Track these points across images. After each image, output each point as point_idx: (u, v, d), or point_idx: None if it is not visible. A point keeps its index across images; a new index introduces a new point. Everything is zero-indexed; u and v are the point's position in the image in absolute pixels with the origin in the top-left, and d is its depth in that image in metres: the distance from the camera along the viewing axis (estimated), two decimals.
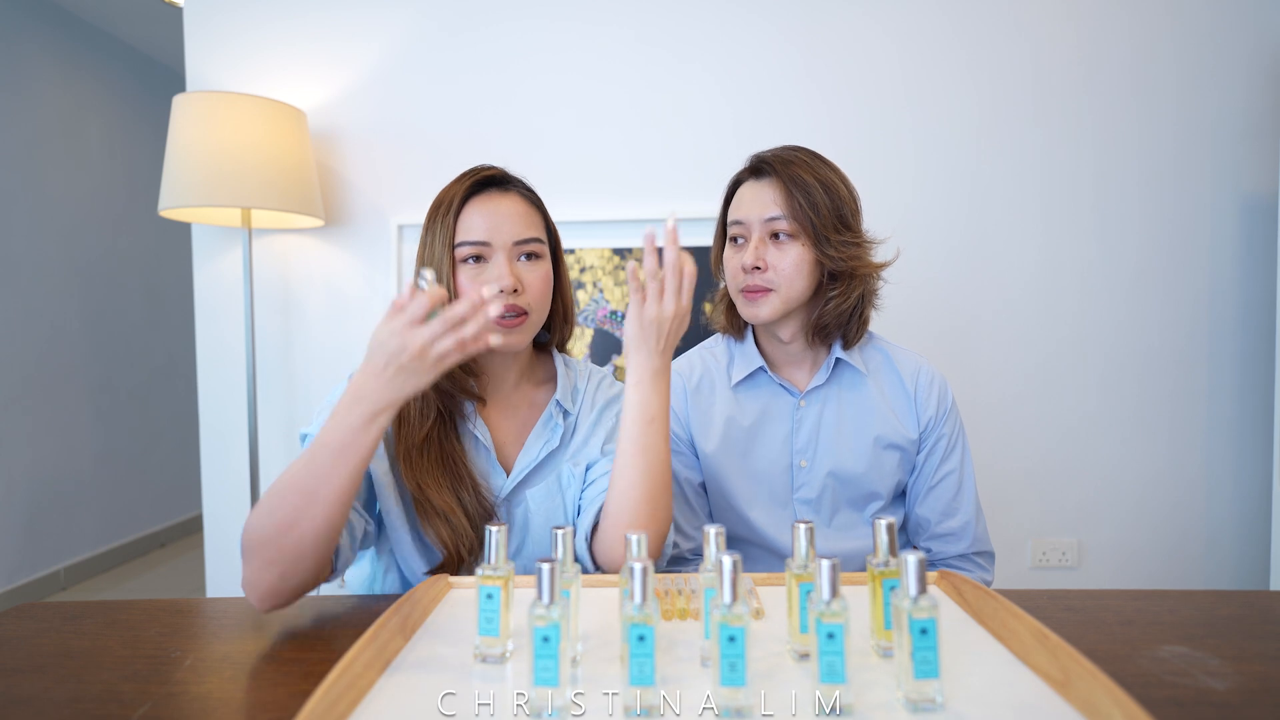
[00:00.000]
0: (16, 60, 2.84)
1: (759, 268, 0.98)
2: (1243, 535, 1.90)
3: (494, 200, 0.91)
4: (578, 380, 1.01)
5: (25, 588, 2.81)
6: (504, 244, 0.89)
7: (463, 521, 0.87)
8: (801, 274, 0.98)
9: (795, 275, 0.98)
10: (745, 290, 1.00)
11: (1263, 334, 1.88)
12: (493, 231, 0.89)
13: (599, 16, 1.89)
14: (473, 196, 0.91)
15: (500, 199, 0.91)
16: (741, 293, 1.01)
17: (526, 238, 0.90)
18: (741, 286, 1.00)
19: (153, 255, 3.57)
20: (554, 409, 0.96)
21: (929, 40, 1.87)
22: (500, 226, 0.89)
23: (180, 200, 1.62)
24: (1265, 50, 1.85)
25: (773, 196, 0.98)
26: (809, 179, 0.97)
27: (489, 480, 0.93)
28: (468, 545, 0.87)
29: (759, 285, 0.98)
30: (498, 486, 0.93)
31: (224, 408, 1.98)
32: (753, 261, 0.98)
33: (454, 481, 0.88)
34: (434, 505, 0.87)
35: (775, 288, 0.98)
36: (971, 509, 1.06)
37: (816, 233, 0.97)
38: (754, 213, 0.99)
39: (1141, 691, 0.56)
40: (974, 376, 1.89)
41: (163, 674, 0.62)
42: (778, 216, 0.98)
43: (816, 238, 0.97)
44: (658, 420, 0.82)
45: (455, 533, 0.86)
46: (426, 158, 1.92)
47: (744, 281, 1.00)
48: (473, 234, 0.88)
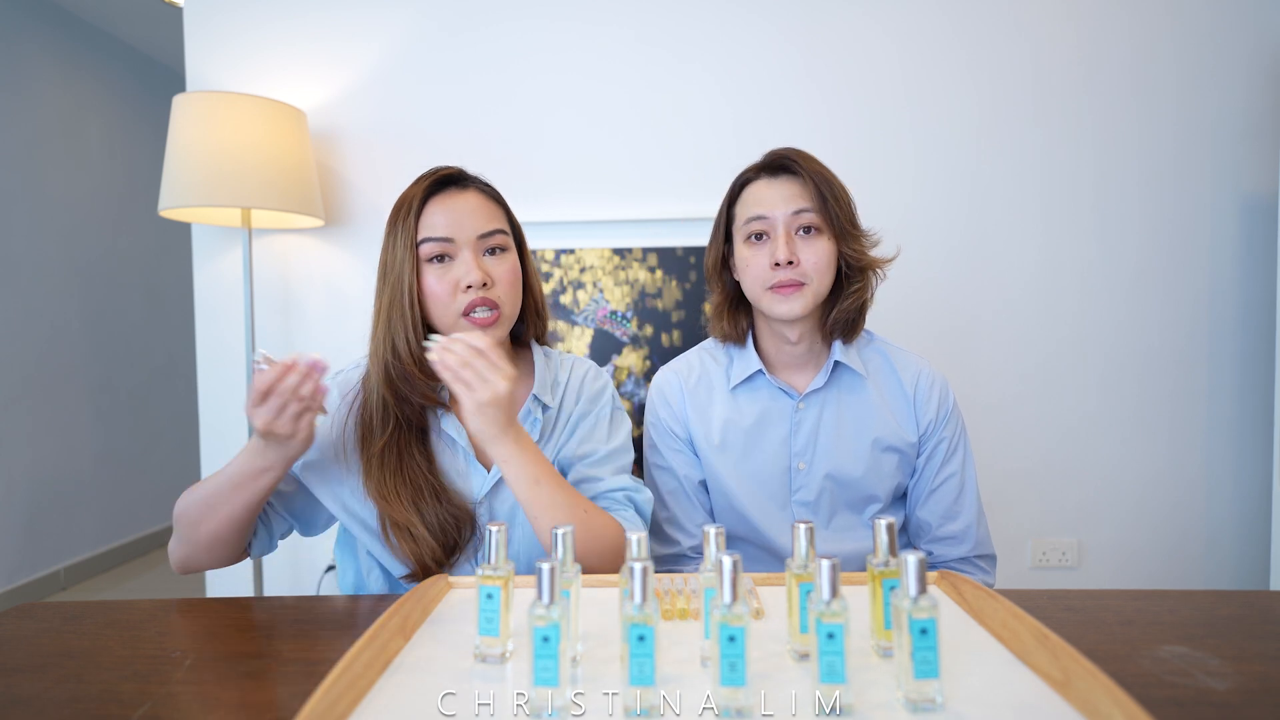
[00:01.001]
0: (16, 60, 2.84)
1: (792, 262, 0.95)
2: (1243, 535, 1.90)
3: (454, 197, 0.91)
4: (559, 373, 1.00)
5: (25, 588, 2.81)
6: (468, 239, 0.89)
7: (424, 534, 0.85)
8: (831, 268, 0.98)
9: (826, 269, 0.98)
10: (777, 286, 0.97)
11: (1263, 334, 1.88)
12: (455, 227, 0.88)
13: (599, 16, 1.89)
14: (432, 196, 0.91)
15: (460, 196, 0.91)
16: (771, 289, 0.98)
17: (490, 230, 0.90)
18: (770, 283, 0.97)
19: (153, 255, 3.57)
20: (531, 403, 0.95)
21: (929, 40, 1.87)
22: (462, 222, 0.89)
23: (180, 200, 1.62)
24: (1265, 50, 1.85)
25: (799, 191, 0.97)
26: (829, 176, 0.98)
27: (467, 481, 0.92)
28: (433, 557, 0.86)
29: (792, 280, 0.96)
30: (477, 486, 0.92)
31: (224, 408, 1.98)
32: (786, 256, 0.95)
33: (413, 493, 0.87)
34: (393, 518, 0.86)
35: (808, 281, 0.97)
36: (973, 512, 1.06)
37: (840, 228, 0.97)
38: (779, 208, 0.97)
39: (1141, 691, 0.56)
40: (974, 377, 1.89)
41: (163, 674, 0.62)
42: (806, 209, 0.97)
43: (840, 232, 0.97)
44: (543, 478, 0.83)
45: (418, 545, 0.85)
46: (427, 158, 1.92)
47: (773, 278, 0.97)
48: (435, 230, 0.88)
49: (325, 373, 0.79)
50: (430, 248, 0.88)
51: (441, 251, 0.88)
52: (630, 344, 1.88)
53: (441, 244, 0.88)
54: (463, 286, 0.87)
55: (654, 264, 1.87)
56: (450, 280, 0.88)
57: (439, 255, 0.88)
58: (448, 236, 0.88)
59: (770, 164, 1.01)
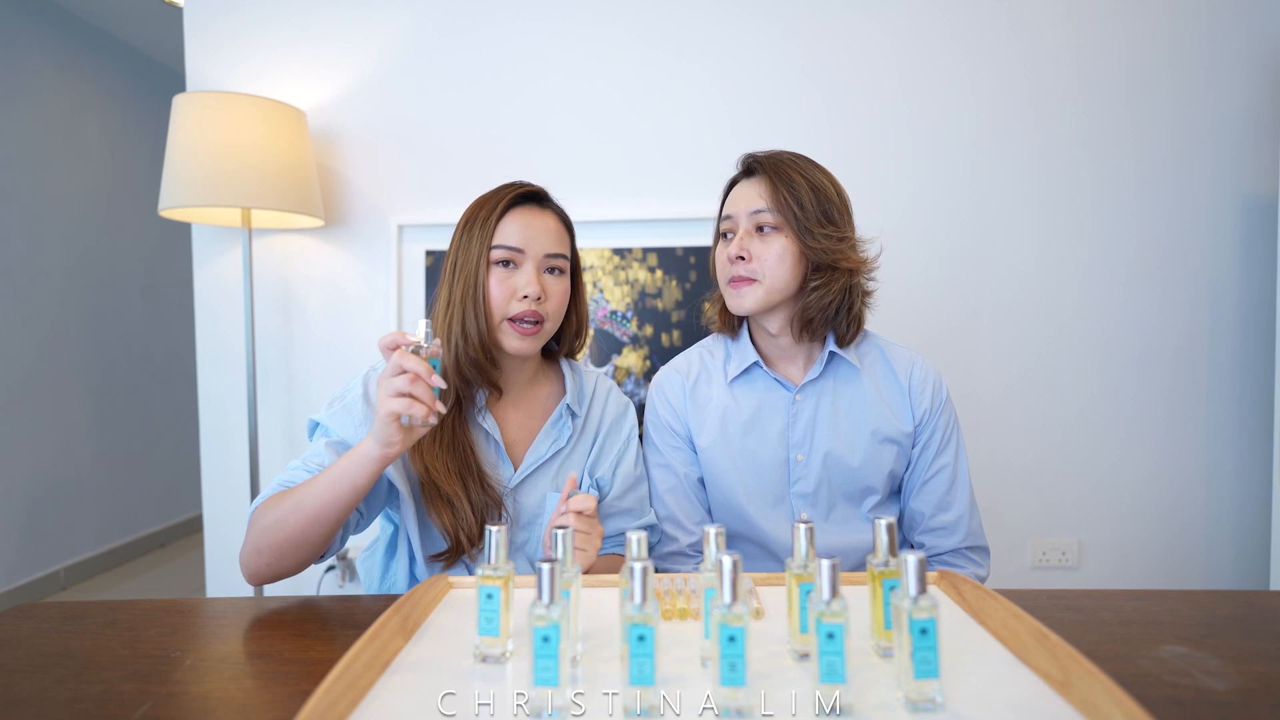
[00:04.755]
0: (16, 60, 2.84)
1: (743, 258, 1.02)
2: (1242, 535, 1.91)
3: (532, 213, 0.98)
4: (583, 383, 1.08)
5: (25, 588, 2.81)
6: (536, 255, 0.96)
7: (466, 508, 0.92)
8: (784, 265, 1.01)
9: (778, 266, 1.01)
10: (731, 281, 1.04)
11: (1263, 334, 1.88)
12: (528, 241, 0.96)
13: (598, 19, 1.89)
14: (514, 207, 0.98)
15: (538, 214, 0.99)
16: (728, 283, 1.04)
17: (556, 252, 0.98)
18: (728, 277, 1.04)
19: (153, 255, 3.57)
20: (564, 411, 1.04)
21: (927, 40, 1.87)
22: (535, 238, 0.96)
23: (180, 200, 1.62)
24: (1265, 50, 1.85)
25: (759, 191, 1.02)
26: (796, 176, 1.01)
27: (497, 473, 0.99)
28: (468, 533, 0.92)
29: (743, 275, 1.02)
30: (505, 478, 0.99)
31: (224, 407, 1.98)
32: (737, 251, 1.02)
33: (462, 469, 0.94)
34: (440, 489, 0.92)
35: (759, 278, 1.01)
36: (965, 503, 1.07)
37: (800, 225, 1.00)
38: (740, 207, 1.04)
39: (1141, 691, 0.56)
40: (973, 376, 1.89)
41: (163, 674, 0.62)
42: (762, 209, 1.01)
43: (800, 230, 1.00)
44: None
45: (458, 519, 0.92)
46: (427, 158, 1.93)
47: (730, 272, 1.04)
48: (510, 240, 0.96)
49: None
50: (501, 253, 0.95)
51: (509, 259, 0.96)
52: (630, 344, 1.88)
53: (512, 252, 0.96)
54: (520, 295, 0.95)
55: (654, 264, 1.87)
56: (510, 286, 0.95)
57: (506, 261, 0.96)
58: (519, 248, 0.96)
59: (745, 166, 1.08)
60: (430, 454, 0.93)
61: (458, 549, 0.92)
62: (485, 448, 0.99)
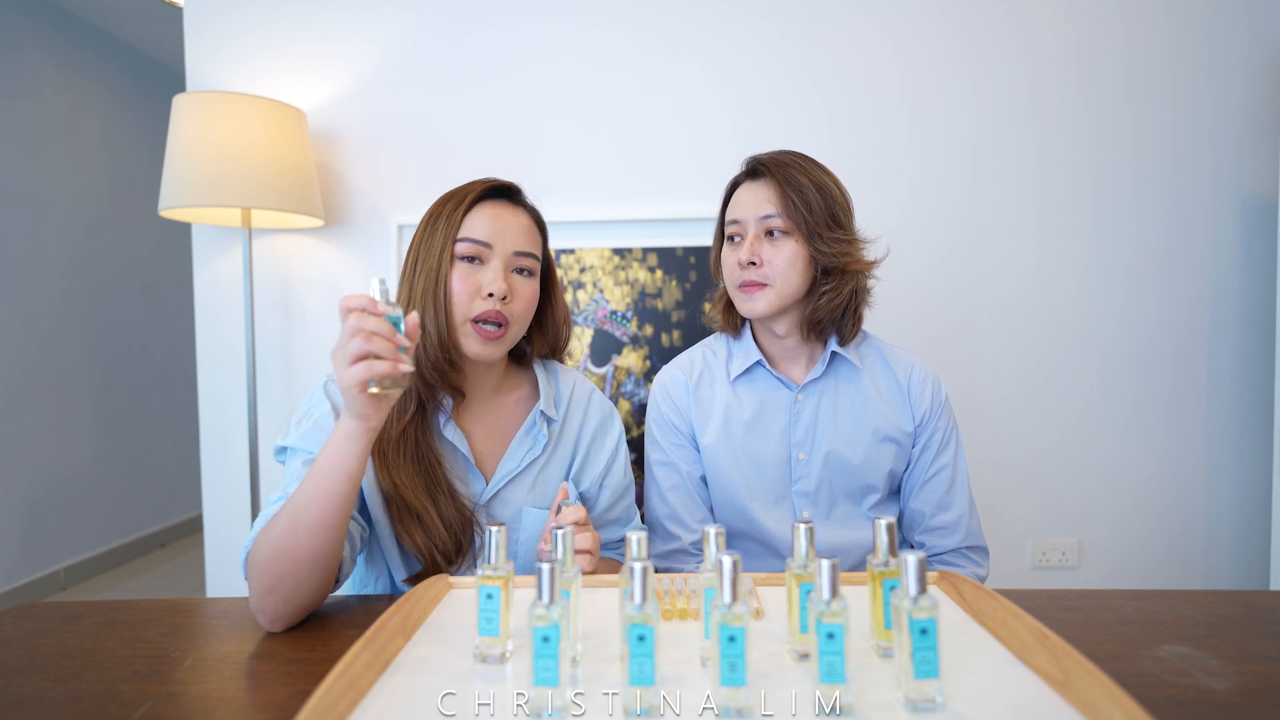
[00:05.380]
0: (16, 60, 2.84)
1: (754, 263, 1.01)
2: (1242, 535, 1.90)
3: (503, 209, 0.93)
4: (559, 385, 1.02)
5: (25, 588, 2.81)
6: (504, 251, 0.91)
7: (437, 525, 0.86)
8: (795, 270, 1.01)
9: (789, 270, 1.01)
10: (742, 285, 1.03)
11: (1263, 334, 1.88)
12: (496, 236, 0.90)
13: (598, 19, 1.89)
14: (484, 200, 0.93)
15: (509, 209, 0.93)
16: (738, 288, 1.04)
17: (525, 251, 0.92)
18: (738, 282, 1.04)
19: (153, 255, 3.57)
20: (537, 417, 0.97)
21: (927, 40, 1.87)
22: (505, 233, 0.91)
23: (180, 200, 1.62)
24: (1264, 50, 1.85)
25: (767, 195, 1.02)
26: (802, 179, 1.01)
27: (468, 487, 0.93)
28: (443, 552, 0.86)
29: (754, 280, 1.02)
30: (476, 492, 0.93)
31: (224, 408, 1.98)
32: (748, 257, 1.01)
33: (429, 484, 0.87)
34: (409, 505, 0.86)
35: (770, 283, 1.01)
36: (965, 503, 1.08)
37: (809, 230, 1.00)
38: (749, 211, 1.03)
39: (1141, 691, 0.56)
40: (973, 376, 1.89)
41: (163, 674, 0.62)
42: (772, 214, 1.01)
43: (809, 235, 1.00)
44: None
45: (430, 536, 0.86)
46: (427, 158, 1.92)
47: (740, 277, 1.03)
48: (476, 233, 0.90)
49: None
50: (466, 247, 0.89)
51: (475, 254, 0.90)
52: (630, 344, 1.88)
53: (478, 247, 0.90)
54: (484, 293, 0.89)
55: (654, 264, 1.87)
56: (474, 283, 0.89)
57: (471, 256, 0.90)
58: (487, 242, 0.90)
59: (750, 168, 1.07)
60: (396, 467, 0.86)
61: (434, 569, 0.85)
62: (453, 460, 0.92)
